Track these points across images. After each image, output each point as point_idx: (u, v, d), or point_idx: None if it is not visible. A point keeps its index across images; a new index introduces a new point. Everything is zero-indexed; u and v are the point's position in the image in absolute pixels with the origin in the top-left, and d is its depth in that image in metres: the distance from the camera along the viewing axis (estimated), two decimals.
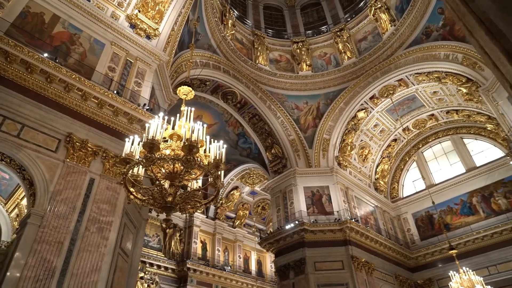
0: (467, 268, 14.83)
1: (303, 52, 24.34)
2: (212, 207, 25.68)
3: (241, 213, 27.18)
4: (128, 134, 11.13)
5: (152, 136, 5.57)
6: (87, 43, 12.16)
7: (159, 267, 20.85)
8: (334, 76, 23.01)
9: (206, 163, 5.91)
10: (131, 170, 5.77)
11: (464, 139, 23.40)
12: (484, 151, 22.29)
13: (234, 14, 23.49)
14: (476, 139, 22.83)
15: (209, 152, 6.25)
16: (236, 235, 26.30)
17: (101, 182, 10.10)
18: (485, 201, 20.95)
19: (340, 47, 23.62)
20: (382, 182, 24.95)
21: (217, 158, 5.98)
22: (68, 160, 9.71)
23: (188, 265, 21.28)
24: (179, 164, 5.91)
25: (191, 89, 7.38)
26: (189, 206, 6.00)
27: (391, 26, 21.05)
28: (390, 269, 20.44)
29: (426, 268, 21.65)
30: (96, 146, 10.43)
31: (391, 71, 20.80)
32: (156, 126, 5.74)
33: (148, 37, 14.23)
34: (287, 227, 18.89)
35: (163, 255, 21.66)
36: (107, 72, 12.07)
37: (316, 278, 17.16)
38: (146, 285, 18.98)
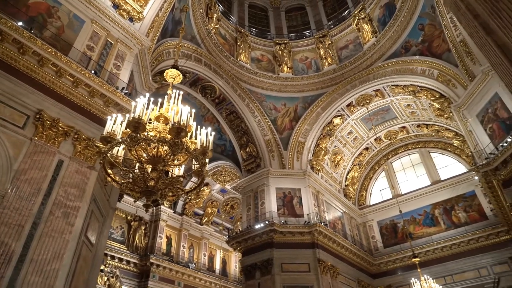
0: (428, 276, 15.35)
1: (285, 54, 24.43)
2: (180, 202, 25.13)
3: (210, 211, 26.77)
4: (103, 117, 10.69)
5: (138, 115, 5.25)
6: (66, 17, 11.46)
7: (120, 260, 20.04)
8: (313, 81, 23.24)
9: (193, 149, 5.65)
10: (111, 150, 5.42)
11: (431, 153, 24.35)
12: (449, 166, 23.29)
13: (219, 9, 23.21)
14: (443, 154, 23.82)
15: (195, 139, 6.01)
16: (202, 233, 25.85)
17: (70, 165, 9.51)
18: (447, 214, 21.85)
19: (322, 52, 23.90)
20: (351, 189, 25.45)
21: (204, 145, 5.75)
22: (36, 138, 9.06)
23: (151, 260, 20.62)
24: (164, 147, 5.65)
25: (179, 72, 7.07)
26: (171, 193, 5.71)
27: (372, 37, 21.55)
28: (354, 274, 20.82)
29: (387, 275, 22.26)
30: (68, 126, 9.82)
31: (369, 80, 21.27)
32: (143, 105, 5.43)
33: (132, 19, 13.65)
34: (257, 226, 18.77)
35: (125, 248, 20.87)
36: (85, 50, 11.44)
37: (282, 280, 17.14)
38: (105, 278, 18.16)
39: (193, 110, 6.05)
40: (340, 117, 23.06)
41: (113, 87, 11.12)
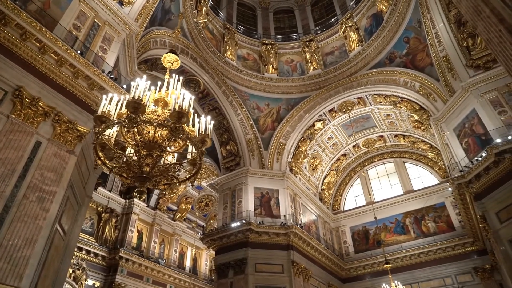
0: (398, 282, 15.71)
1: (271, 55, 24.43)
2: (154, 196, 24.51)
3: (183, 207, 26.27)
4: (86, 100, 10.23)
5: (138, 96, 4.98)
6: None
7: (88, 252, 19.23)
8: (298, 84, 23.36)
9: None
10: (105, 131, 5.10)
11: (406, 163, 25.06)
12: (422, 177, 24.05)
13: (208, 3, 22.88)
14: (416, 165, 24.57)
15: (193, 127, 5.79)
16: (175, 229, 25.30)
17: (48, 147, 8.97)
18: (417, 223, 22.53)
19: (308, 56, 24.07)
20: (327, 193, 25.75)
21: (203, 133, 5.55)
22: (13, 116, 8.48)
23: (121, 254, 19.91)
24: (160, 132, 5.40)
25: (177, 58, 6.85)
26: (165, 181, 5.46)
27: (358, 45, 21.91)
28: (325, 277, 21.02)
29: (357, 280, 22.65)
30: (49, 107, 9.27)
31: (353, 88, 21.61)
32: (144, 86, 5.15)
33: (121, 3, 13.15)
34: (233, 225, 18.57)
35: (94, 240, 20.05)
36: (71, 29, 10.88)
37: (255, 280, 17.02)
38: (71, 270, 17.34)
39: (193, 97, 5.83)
40: (322, 121, 23.29)
41: (99, 70, 10.63)
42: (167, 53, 6.85)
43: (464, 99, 16.07)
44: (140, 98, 4.89)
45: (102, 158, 5.39)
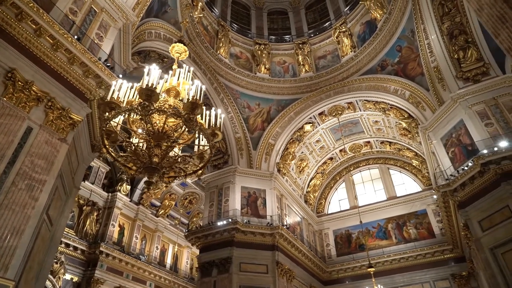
0: (382, 286, 15.92)
1: (263, 55, 24.40)
2: (137, 191, 24.01)
3: (167, 203, 25.86)
4: (80, 88, 9.92)
5: (152, 84, 4.80)
6: None
7: (67, 245, 18.61)
8: (289, 85, 23.42)
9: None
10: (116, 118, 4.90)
11: (390, 170, 25.50)
12: (405, 184, 24.54)
13: None
14: (401, 172, 25.04)
15: (202, 120, 5.65)
16: (157, 225, 24.87)
17: (40, 134, 8.61)
18: (399, 229, 22.95)
19: (300, 59, 24.17)
20: (312, 196, 25.90)
21: (214, 125, 5.42)
22: (5, 99, 8.09)
23: (101, 248, 19.37)
24: (169, 123, 5.24)
25: (186, 48, 6.66)
26: (172, 173, 5.29)
27: (351, 51, 22.15)
28: (307, 279, 21.11)
29: (338, 282, 22.87)
30: (42, 91, 8.90)
31: (344, 92, 21.83)
32: (158, 74, 4.99)
33: None
34: (219, 223, 18.40)
35: (74, 234, 19.43)
36: (67, 13, 10.49)
37: (239, 279, 16.90)
38: None
39: (204, 87, 5.68)
40: (311, 124, 23.41)
41: (95, 57, 10.30)
42: (175, 42, 6.65)
43: (452, 109, 16.49)
44: (154, 86, 4.72)
45: (107, 147, 5.20)
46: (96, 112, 10.94)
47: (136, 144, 5.10)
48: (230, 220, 18.25)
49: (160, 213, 25.34)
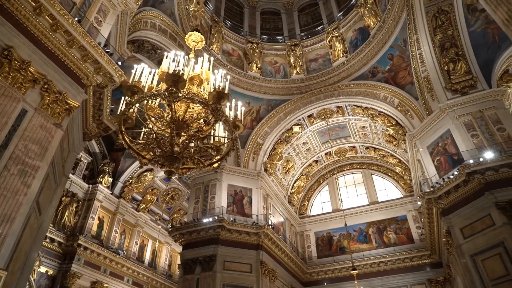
0: None
1: (256, 54, 24.33)
2: (119, 184, 23.33)
3: (149, 198, 25.28)
4: (77, 72, 9.56)
5: (179, 70, 4.62)
6: None
7: (44, 237, 17.81)
8: (280, 86, 23.46)
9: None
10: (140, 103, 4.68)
11: (373, 175, 25.98)
12: (387, 190, 25.07)
13: None
14: (383, 178, 25.56)
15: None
16: (138, 220, 24.25)
17: (35, 117, 8.18)
18: (379, 233, 23.40)
19: (292, 60, 24.25)
20: (295, 197, 26.02)
21: (236, 118, 5.29)
22: (0, 78, 7.63)
23: (80, 241, 18.66)
24: (190, 112, 5.08)
25: (203, 37, 6.50)
26: (191, 164, 5.11)
27: (343, 56, 22.44)
28: (288, 280, 21.16)
29: (317, 284, 23.07)
30: (39, 73, 8.45)
31: (334, 96, 22.05)
32: (184, 58, 4.80)
33: None
34: (205, 220, 18.15)
35: (51, 225, 18.64)
36: None
37: (223, 277, 16.72)
38: None
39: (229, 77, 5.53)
40: (300, 126, 23.52)
41: (95, 41, 9.90)
42: (192, 31, 6.47)
43: (440, 119, 16.95)
44: (182, 72, 4.54)
45: (124, 133, 4.97)
46: (91, 99, 10.53)
47: (157, 132, 4.89)
48: (216, 217, 18.04)
49: (141, 207, 24.74)
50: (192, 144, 5.21)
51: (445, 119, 16.71)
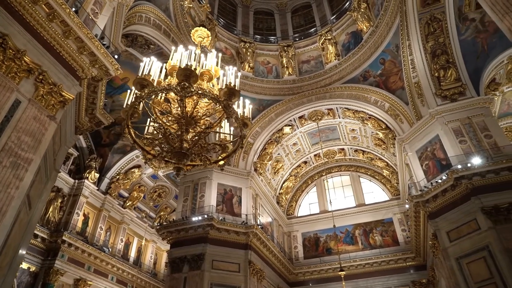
0: None
1: (248, 53, 24.28)
2: (106, 180, 22.89)
3: (135, 195, 24.88)
4: (73, 64, 9.35)
5: (190, 65, 4.55)
6: None
7: None
8: (272, 86, 23.47)
9: None
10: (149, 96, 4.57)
11: (361, 178, 26.29)
12: (374, 192, 25.40)
13: None
14: (370, 181, 25.89)
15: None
16: (123, 217, 23.83)
17: (28, 109, 7.93)
18: (365, 235, 23.68)
19: (284, 61, 24.30)
20: (284, 198, 26.08)
21: (244, 116, 5.25)
22: None
23: (64, 238, 18.21)
24: (203, 107, 5.01)
25: (209, 33, 6.44)
26: (198, 160, 5.04)
27: (335, 59, 22.61)
28: (275, 280, 21.18)
29: (303, 284, 23.17)
30: (34, 63, 8.20)
31: (325, 98, 22.20)
32: (194, 53, 4.73)
33: None
34: (194, 219, 17.98)
35: None
36: None
37: (211, 277, 16.61)
38: None
39: (239, 73, 5.48)
40: (291, 126, 23.58)
41: (92, 33, 9.67)
42: (198, 26, 6.40)
43: (429, 124, 17.29)
44: (194, 67, 4.47)
45: (130, 128, 4.86)
46: (85, 92, 10.29)
47: (166, 128, 4.80)
48: (205, 216, 17.90)
49: (128, 204, 24.33)
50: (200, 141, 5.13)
51: (434, 124, 17.04)
